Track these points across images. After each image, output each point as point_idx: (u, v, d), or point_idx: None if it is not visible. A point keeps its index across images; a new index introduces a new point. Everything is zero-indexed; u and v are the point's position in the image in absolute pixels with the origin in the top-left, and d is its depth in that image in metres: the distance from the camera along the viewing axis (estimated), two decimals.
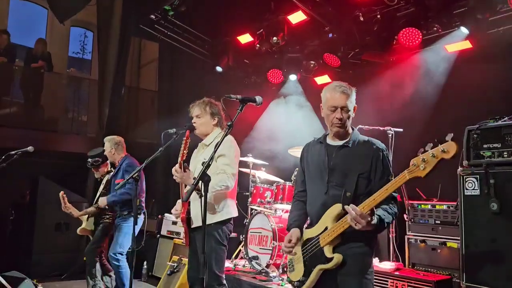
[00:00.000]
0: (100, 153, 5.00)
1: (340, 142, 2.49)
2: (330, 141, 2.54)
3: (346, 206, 2.19)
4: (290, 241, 2.48)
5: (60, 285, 5.75)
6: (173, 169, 3.10)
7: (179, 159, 3.07)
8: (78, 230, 4.97)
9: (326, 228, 2.33)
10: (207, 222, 3.12)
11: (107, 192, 4.83)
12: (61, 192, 4.88)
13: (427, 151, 1.98)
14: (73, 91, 9.79)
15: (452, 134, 1.96)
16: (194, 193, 3.04)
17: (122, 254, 4.53)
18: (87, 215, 4.89)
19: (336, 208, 2.31)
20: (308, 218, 2.59)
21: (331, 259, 2.28)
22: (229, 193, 3.32)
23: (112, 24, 7.26)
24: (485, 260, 2.81)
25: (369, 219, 2.14)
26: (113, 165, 5.04)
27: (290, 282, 2.57)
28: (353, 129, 2.53)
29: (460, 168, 3.02)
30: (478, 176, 2.90)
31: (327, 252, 2.31)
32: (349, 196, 2.31)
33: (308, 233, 2.46)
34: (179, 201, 3.43)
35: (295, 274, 2.50)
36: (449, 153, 1.92)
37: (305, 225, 2.60)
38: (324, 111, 2.49)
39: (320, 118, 6.73)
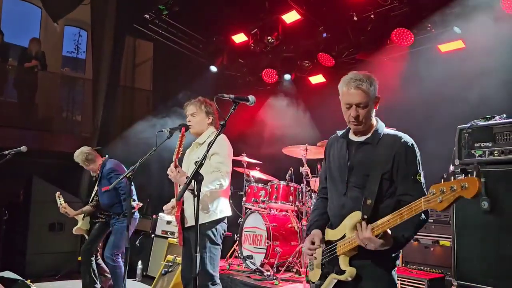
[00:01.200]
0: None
1: (362, 138, 2.24)
2: (352, 136, 2.30)
3: (357, 224, 2.03)
4: (313, 243, 2.26)
5: (54, 285, 5.73)
6: (168, 169, 3.11)
7: (174, 156, 3.07)
8: (73, 230, 4.97)
9: (344, 236, 2.15)
10: (201, 222, 3.15)
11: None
12: (57, 192, 4.89)
13: (449, 179, 1.86)
14: (67, 91, 9.75)
15: (478, 167, 1.86)
16: (188, 192, 3.06)
17: (118, 254, 4.54)
18: (82, 215, 4.89)
19: (356, 216, 2.11)
20: (330, 217, 2.38)
21: (344, 271, 2.12)
22: (223, 192, 3.32)
23: (106, 23, 7.24)
24: (476, 258, 2.84)
25: (381, 242, 1.95)
26: None
27: (308, 281, 2.47)
28: (377, 121, 2.28)
29: (452, 167, 3.05)
30: (469, 174, 2.93)
31: (342, 263, 2.14)
32: (370, 204, 2.07)
33: (329, 235, 2.27)
34: (173, 200, 3.44)
35: (313, 274, 2.35)
36: (469, 191, 1.67)
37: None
38: (342, 106, 2.24)
39: (314, 118, 6.79)
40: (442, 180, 1.77)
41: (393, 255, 2.14)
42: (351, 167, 2.21)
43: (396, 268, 2.18)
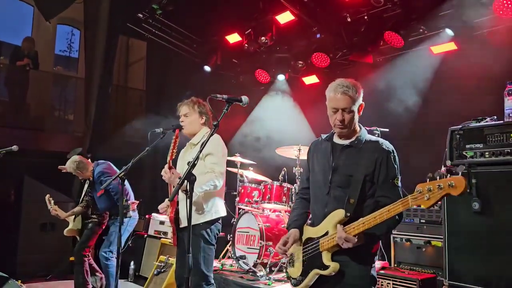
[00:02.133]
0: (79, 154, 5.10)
1: (346, 142, 2.39)
2: (336, 139, 2.45)
3: (338, 225, 2.15)
4: (285, 243, 2.41)
5: (45, 286, 5.69)
6: (162, 171, 3.11)
7: (168, 158, 3.07)
8: (65, 231, 4.93)
9: (327, 233, 2.26)
10: (196, 222, 3.15)
11: (92, 196, 4.83)
12: (47, 195, 4.86)
13: (436, 179, 1.92)
14: (59, 90, 9.69)
15: (464, 167, 1.93)
16: (183, 193, 3.07)
17: (112, 253, 4.54)
18: (73, 216, 4.86)
19: (339, 214, 2.23)
20: (311, 215, 2.51)
21: (328, 266, 2.22)
22: (218, 192, 3.32)
23: (99, 22, 7.19)
24: (467, 258, 2.86)
25: (356, 241, 2.09)
26: None
27: (289, 277, 2.53)
28: (360, 127, 2.43)
29: (443, 168, 3.07)
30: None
31: (325, 258, 2.25)
32: (353, 203, 2.21)
33: (310, 232, 2.40)
34: (167, 200, 3.44)
35: (293, 270, 2.46)
36: (456, 189, 1.80)
37: (308, 222, 2.55)
38: (328, 110, 2.39)
39: (308, 118, 6.80)
40: (428, 179, 1.81)
41: (372, 251, 2.29)
42: (335, 168, 2.34)
43: (375, 264, 2.33)
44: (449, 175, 1.88)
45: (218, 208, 3.32)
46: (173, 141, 3.06)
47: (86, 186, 4.94)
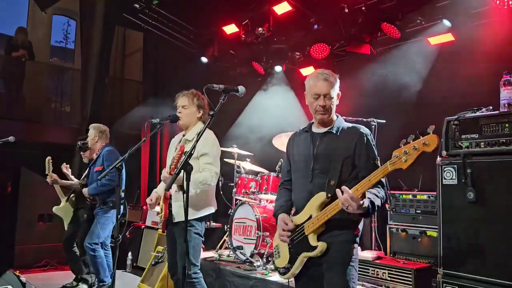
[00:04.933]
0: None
1: (324, 129, 2.49)
2: (315, 129, 2.55)
3: (337, 190, 2.17)
4: (286, 224, 2.46)
5: (43, 276, 5.71)
6: (162, 174, 3.18)
7: (170, 169, 3.07)
8: (54, 209, 4.96)
9: (310, 217, 2.34)
10: (188, 218, 3.18)
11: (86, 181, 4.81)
12: (48, 157, 4.87)
13: (409, 142, 1.99)
14: (55, 81, 9.64)
15: (434, 126, 1.98)
16: (175, 189, 3.10)
17: (97, 244, 4.48)
18: (65, 198, 4.91)
19: (321, 196, 2.32)
20: (294, 206, 2.59)
21: (315, 247, 2.30)
22: (211, 190, 3.42)
23: (96, 12, 7.16)
24: (462, 247, 2.88)
25: (361, 202, 2.13)
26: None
27: (276, 268, 2.61)
28: (337, 116, 2.54)
29: (439, 158, 3.09)
30: (456, 166, 2.96)
31: (312, 240, 2.33)
32: (333, 184, 2.29)
33: (295, 220, 2.46)
34: (155, 190, 3.48)
35: (280, 260, 2.54)
36: (430, 146, 1.92)
37: (292, 213, 2.61)
38: (307, 99, 2.51)
39: (305, 110, 6.79)
40: (402, 145, 2.05)
41: (355, 232, 2.39)
42: (316, 156, 2.43)
43: (357, 245, 2.42)
44: (421, 136, 1.95)
45: (211, 205, 3.42)
46: (177, 155, 3.00)
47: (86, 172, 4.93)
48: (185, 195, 2.36)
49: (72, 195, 5.01)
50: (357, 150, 2.37)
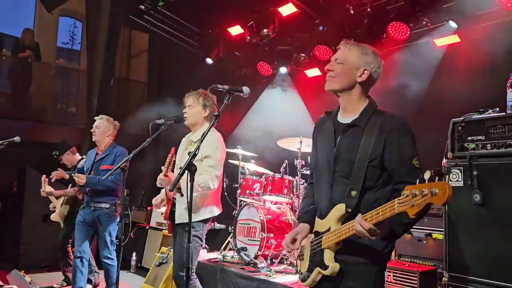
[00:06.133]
0: (59, 145, 5.16)
1: (349, 119, 2.00)
2: (340, 117, 2.07)
3: (359, 215, 1.78)
4: (294, 240, 2.11)
5: (48, 277, 5.73)
6: (158, 178, 3.15)
7: (164, 171, 3.07)
8: (52, 217, 5.02)
9: (329, 229, 1.98)
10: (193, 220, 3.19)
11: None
12: (43, 176, 4.87)
13: (425, 180, 1.60)
14: (62, 82, 9.71)
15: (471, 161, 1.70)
16: (178, 195, 3.10)
17: (112, 249, 4.28)
18: (60, 202, 4.94)
19: (340, 209, 1.94)
20: (318, 210, 2.16)
21: (328, 266, 1.98)
22: (213, 193, 3.36)
23: (101, 14, 7.20)
24: (468, 250, 2.87)
25: (378, 232, 1.73)
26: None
27: (298, 270, 2.45)
28: (368, 101, 2.05)
29: (444, 160, 3.07)
30: (462, 168, 2.95)
31: (326, 257, 1.99)
32: (354, 196, 1.87)
33: (318, 225, 2.11)
34: (162, 191, 3.50)
35: (303, 265, 2.25)
36: (438, 198, 1.52)
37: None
38: None
39: (309, 111, 6.78)
40: (430, 172, 1.54)
41: (384, 251, 1.93)
42: (337, 154, 1.98)
43: (386, 270, 2.01)
44: (437, 177, 1.56)
45: (212, 208, 3.37)
46: (169, 158, 3.05)
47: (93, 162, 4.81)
48: (184, 196, 2.34)
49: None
50: (386, 149, 1.87)
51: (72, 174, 4.41)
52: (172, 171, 3.24)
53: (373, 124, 1.93)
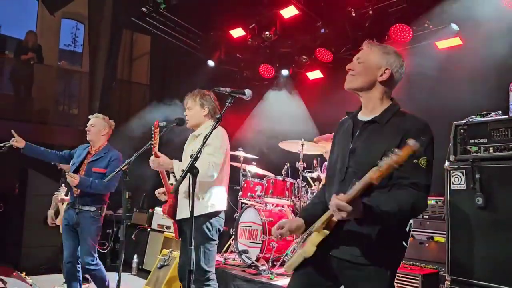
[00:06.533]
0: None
1: (370, 117, 2.00)
2: (360, 116, 2.08)
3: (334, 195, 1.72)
4: (280, 227, 2.04)
5: (49, 279, 5.72)
6: (150, 161, 3.18)
7: (153, 150, 3.08)
8: (57, 221, 4.88)
9: None
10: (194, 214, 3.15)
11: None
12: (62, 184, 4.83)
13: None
14: (64, 84, 9.74)
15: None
16: (180, 188, 3.06)
17: (95, 256, 4.07)
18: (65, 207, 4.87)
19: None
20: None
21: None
22: (216, 185, 3.25)
23: (103, 16, 7.22)
24: (470, 253, 2.86)
25: (350, 208, 1.64)
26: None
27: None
28: (391, 102, 2.06)
29: (447, 163, 3.06)
30: (464, 171, 2.94)
31: (309, 240, 1.89)
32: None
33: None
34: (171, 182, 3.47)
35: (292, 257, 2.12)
36: (397, 155, 1.56)
37: None
38: None
39: (311, 113, 6.79)
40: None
41: (389, 264, 1.89)
42: (353, 150, 1.95)
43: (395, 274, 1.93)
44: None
45: (214, 202, 3.22)
46: (153, 132, 3.06)
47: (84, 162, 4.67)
48: (188, 197, 2.34)
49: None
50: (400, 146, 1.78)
51: (66, 173, 4.23)
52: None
53: (393, 123, 1.93)
